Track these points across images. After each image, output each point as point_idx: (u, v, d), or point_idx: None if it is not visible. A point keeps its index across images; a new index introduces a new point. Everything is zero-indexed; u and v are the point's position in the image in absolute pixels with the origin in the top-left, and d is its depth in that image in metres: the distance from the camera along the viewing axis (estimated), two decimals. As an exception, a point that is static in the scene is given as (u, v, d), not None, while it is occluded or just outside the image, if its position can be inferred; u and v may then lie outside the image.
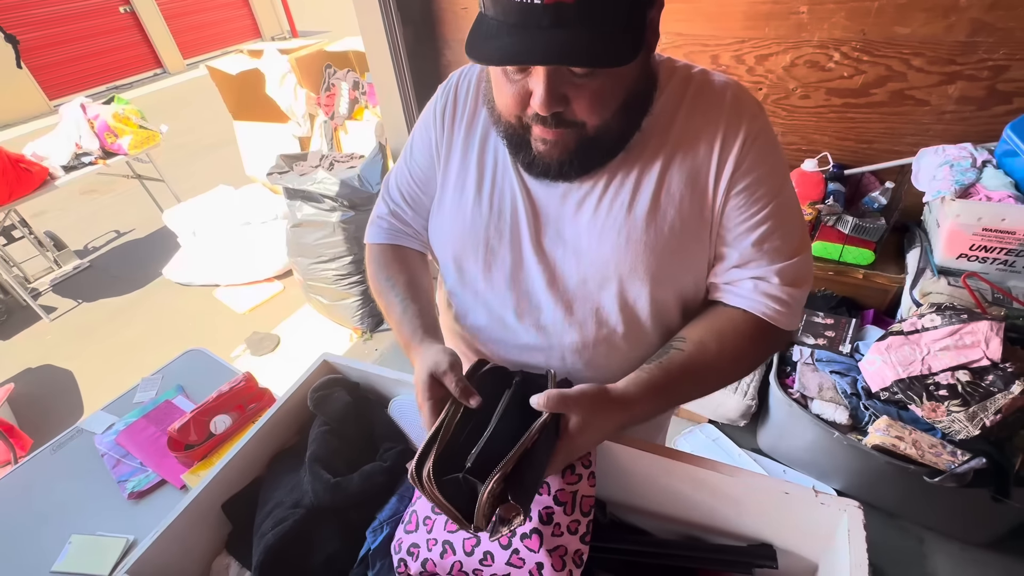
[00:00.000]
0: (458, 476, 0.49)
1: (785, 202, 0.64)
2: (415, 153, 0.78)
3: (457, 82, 0.73)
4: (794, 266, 0.64)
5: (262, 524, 0.68)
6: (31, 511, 1.03)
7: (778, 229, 0.63)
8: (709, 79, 0.64)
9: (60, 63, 7.50)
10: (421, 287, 0.78)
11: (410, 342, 0.70)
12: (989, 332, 1.27)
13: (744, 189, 0.62)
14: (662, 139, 0.62)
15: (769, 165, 0.62)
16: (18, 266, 3.15)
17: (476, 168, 0.70)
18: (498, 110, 0.60)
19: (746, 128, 0.61)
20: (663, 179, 0.62)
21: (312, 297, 2.61)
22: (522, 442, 0.50)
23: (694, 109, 0.62)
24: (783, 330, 0.66)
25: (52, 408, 2.42)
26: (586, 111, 0.54)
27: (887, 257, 1.69)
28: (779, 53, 1.66)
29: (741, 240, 0.64)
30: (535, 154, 0.60)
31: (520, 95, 0.55)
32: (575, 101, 0.53)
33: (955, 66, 1.47)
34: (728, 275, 0.66)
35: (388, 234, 0.82)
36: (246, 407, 1.12)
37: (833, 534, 0.57)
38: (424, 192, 0.77)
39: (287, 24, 10.78)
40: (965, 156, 1.42)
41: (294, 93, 3.13)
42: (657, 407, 0.61)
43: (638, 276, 0.64)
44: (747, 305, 0.65)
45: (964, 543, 1.54)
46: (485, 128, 0.70)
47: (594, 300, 0.67)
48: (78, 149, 2.95)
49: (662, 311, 0.68)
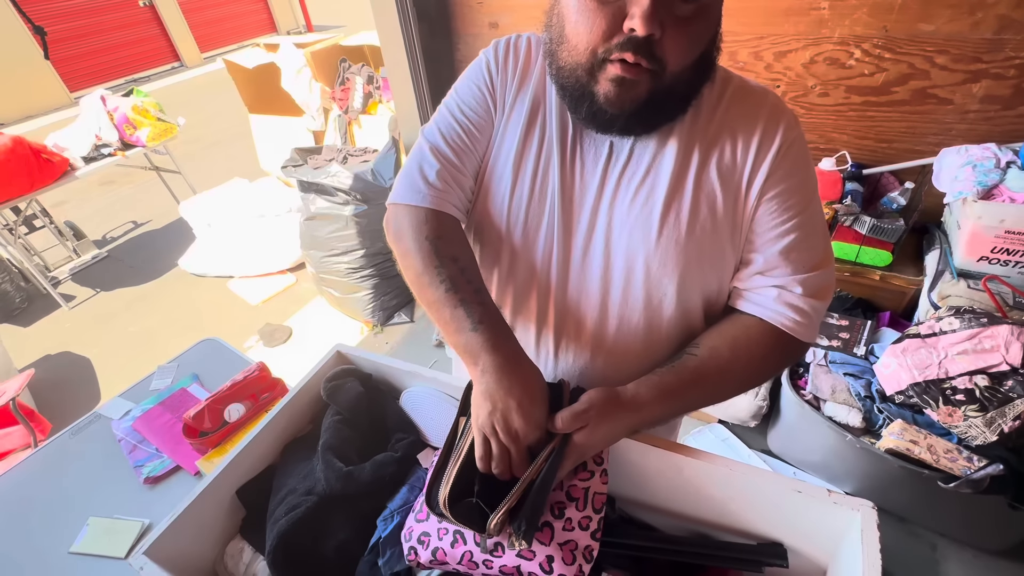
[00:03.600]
0: (471, 500, 0.51)
1: (814, 214, 0.64)
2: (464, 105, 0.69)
3: (514, 43, 0.69)
4: (817, 278, 0.63)
5: (275, 510, 0.69)
6: (50, 493, 1.06)
7: (805, 240, 0.63)
8: (747, 82, 0.64)
9: (81, 56, 7.62)
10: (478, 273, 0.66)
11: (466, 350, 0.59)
12: (1009, 337, 1.24)
13: (777, 196, 0.61)
14: (700, 134, 0.62)
15: (802, 175, 0.63)
16: (39, 255, 3.21)
17: (522, 142, 0.66)
18: (571, 45, 0.55)
19: (783, 134, 0.61)
20: (700, 177, 0.62)
21: (324, 290, 2.63)
22: (527, 474, 0.52)
23: (732, 108, 0.62)
24: (800, 341, 0.65)
25: (71, 394, 2.47)
26: (675, 48, 0.52)
27: (905, 259, 1.66)
28: (798, 50, 1.63)
29: (768, 247, 0.63)
30: (600, 103, 0.56)
31: (612, 17, 0.51)
32: (668, 34, 0.51)
33: (981, 64, 1.44)
34: (751, 281, 0.65)
35: (433, 199, 0.66)
36: (259, 396, 1.14)
37: (845, 535, 0.56)
38: (475, 146, 0.69)
39: (303, 18, 10.84)
40: (989, 156, 1.39)
41: (309, 87, 3.15)
42: (668, 411, 0.61)
43: (666, 273, 0.63)
44: (766, 315, 0.64)
45: (978, 550, 1.52)
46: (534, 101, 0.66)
47: (619, 296, 0.66)
48: (98, 140, 3.00)
49: (686, 312, 0.67)
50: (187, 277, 3.19)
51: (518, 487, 0.51)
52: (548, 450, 0.53)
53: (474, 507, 0.51)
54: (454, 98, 0.71)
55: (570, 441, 0.55)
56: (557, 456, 0.54)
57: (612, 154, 0.64)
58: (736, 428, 1.90)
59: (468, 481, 0.53)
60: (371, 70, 3.09)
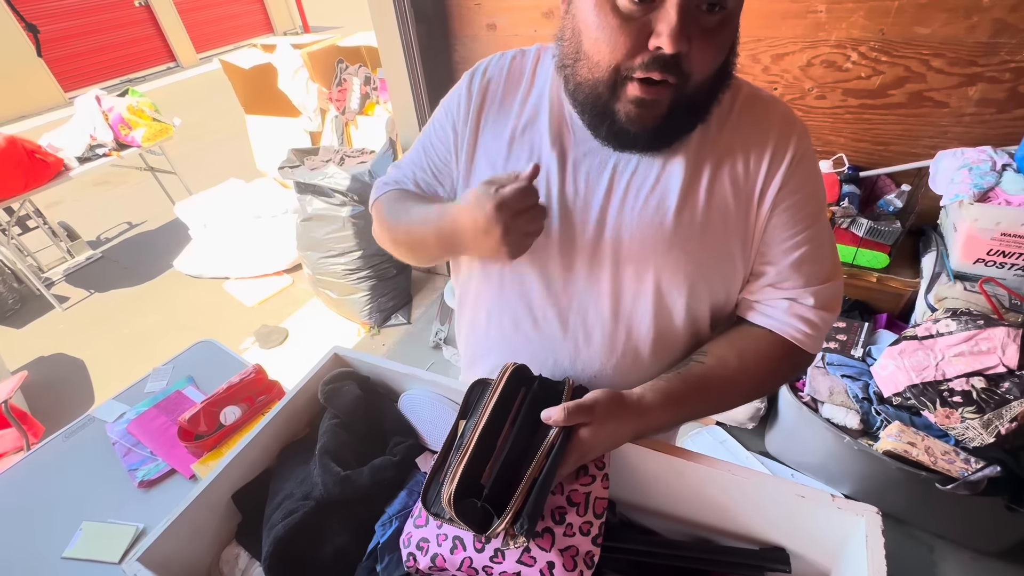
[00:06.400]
0: (476, 502, 0.50)
1: (824, 227, 0.64)
2: (433, 141, 0.73)
3: (486, 69, 0.69)
4: (828, 290, 0.63)
5: (272, 515, 0.68)
6: (43, 497, 1.04)
7: (816, 252, 0.62)
8: (757, 91, 0.63)
9: (76, 55, 7.58)
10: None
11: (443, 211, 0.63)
12: (1006, 339, 1.25)
13: (789, 207, 0.61)
14: (712, 144, 0.61)
15: (813, 187, 0.62)
16: (32, 255, 3.19)
17: (504, 160, 0.66)
18: (592, 62, 0.52)
19: (795, 145, 0.60)
20: (712, 186, 0.61)
21: (321, 291, 2.62)
22: (530, 472, 0.51)
23: (744, 116, 0.61)
24: (807, 353, 0.65)
25: (64, 396, 2.44)
26: (701, 61, 0.50)
27: (902, 261, 1.66)
28: (795, 52, 1.64)
29: (780, 259, 0.63)
30: (622, 122, 0.54)
31: (636, 34, 0.48)
32: (694, 47, 0.48)
33: (976, 67, 1.45)
34: (762, 293, 0.65)
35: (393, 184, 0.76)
36: (256, 399, 1.13)
37: (848, 540, 0.56)
38: (439, 182, 0.73)
39: (299, 19, 10.82)
40: (984, 159, 1.40)
41: (306, 88, 3.13)
42: (672, 418, 0.60)
43: (677, 283, 0.62)
44: (777, 327, 0.64)
45: (975, 552, 1.52)
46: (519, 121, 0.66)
47: (629, 304, 0.65)
48: (92, 141, 2.98)
49: (694, 320, 0.66)
50: (182, 278, 3.17)
51: (522, 488, 0.50)
52: (549, 444, 0.52)
53: (479, 508, 0.50)
54: (427, 133, 0.75)
55: (574, 438, 0.54)
56: (559, 452, 0.53)
57: (619, 162, 0.62)
58: (734, 430, 1.90)
59: (470, 482, 0.52)
60: (368, 71, 3.08)
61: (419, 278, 2.90)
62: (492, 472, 0.52)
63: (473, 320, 0.78)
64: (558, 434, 0.53)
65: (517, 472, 0.52)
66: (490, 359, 0.77)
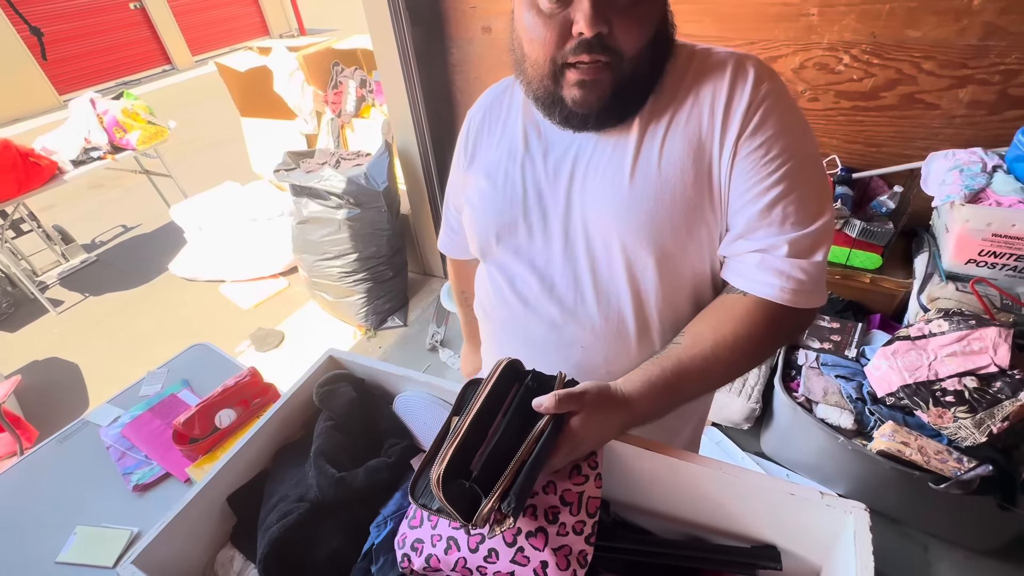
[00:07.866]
0: (464, 483, 0.50)
1: (803, 163, 0.59)
2: (450, 191, 0.88)
3: (480, 103, 0.80)
4: (809, 235, 0.58)
5: (267, 517, 0.68)
6: (37, 502, 1.04)
7: (792, 193, 0.58)
8: (712, 50, 0.64)
9: (70, 58, 7.55)
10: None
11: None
12: (997, 338, 1.26)
13: (753, 151, 0.58)
14: (663, 108, 0.62)
15: (782, 124, 0.59)
16: (26, 259, 3.17)
17: (495, 159, 0.74)
18: (532, 60, 0.60)
19: (752, 90, 0.58)
20: (665, 146, 0.62)
21: (317, 294, 2.62)
22: (519, 455, 0.51)
23: (698, 77, 0.62)
24: (799, 309, 0.60)
25: (58, 400, 2.43)
26: (626, 36, 0.55)
27: (895, 261, 1.68)
28: (788, 55, 1.65)
29: (750, 206, 0.59)
30: (571, 106, 0.60)
31: (560, 28, 0.55)
32: (616, 24, 0.54)
33: (966, 70, 1.47)
34: (733, 247, 0.62)
35: (454, 247, 0.95)
36: (251, 402, 1.13)
37: (838, 537, 0.56)
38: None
39: (295, 21, 10.81)
40: (975, 161, 1.41)
41: (302, 90, 3.13)
42: (660, 405, 0.59)
43: (641, 244, 0.63)
44: (747, 286, 0.60)
45: (969, 551, 1.53)
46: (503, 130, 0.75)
47: (606, 275, 0.67)
48: (87, 144, 2.97)
49: (674, 292, 0.66)
50: (178, 281, 3.16)
51: (510, 469, 0.50)
52: (539, 430, 0.52)
53: (466, 490, 0.49)
54: (450, 178, 0.88)
55: (565, 427, 0.54)
56: (550, 437, 0.53)
57: (581, 146, 0.67)
58: (729, 431, 1.90)
59: (459, 467, 0.51)
60: (364, 74, 3.08)
61: (415, 281, 2.90)
62: (481, 459, 0.51)
63: (482, 315, 0.86)
64: (548, 420, 0.53)
65: (506, 459, 0.51)
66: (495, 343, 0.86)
